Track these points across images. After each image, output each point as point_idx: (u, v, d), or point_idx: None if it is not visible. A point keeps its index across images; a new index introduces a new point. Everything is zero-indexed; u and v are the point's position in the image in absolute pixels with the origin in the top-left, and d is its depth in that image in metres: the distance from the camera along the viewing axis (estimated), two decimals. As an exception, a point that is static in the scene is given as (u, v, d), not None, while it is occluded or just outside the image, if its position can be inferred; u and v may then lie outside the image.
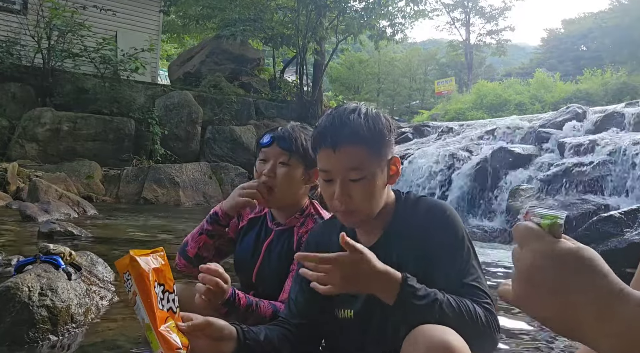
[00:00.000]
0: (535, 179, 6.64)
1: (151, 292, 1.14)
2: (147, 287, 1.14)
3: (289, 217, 1.72)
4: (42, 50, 10.13)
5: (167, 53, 22.89)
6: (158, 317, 1.13)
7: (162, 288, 1.18)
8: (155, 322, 1.12)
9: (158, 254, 1.23)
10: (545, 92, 16.48)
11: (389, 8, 14.34)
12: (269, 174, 1.64)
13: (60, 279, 2.07)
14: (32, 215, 5.46)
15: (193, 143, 11.03)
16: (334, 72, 25.06)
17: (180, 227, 5.80)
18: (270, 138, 1.67)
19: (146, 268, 1.15)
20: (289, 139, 1.64)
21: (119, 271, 1.18)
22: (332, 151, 1.24)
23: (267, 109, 13.13)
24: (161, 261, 1.21)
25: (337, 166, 1.24)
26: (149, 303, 1.13)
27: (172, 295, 1.20)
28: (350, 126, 1.23)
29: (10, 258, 2.72)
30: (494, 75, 29.11)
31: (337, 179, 1.25)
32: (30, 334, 1.87)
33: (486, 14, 28.72)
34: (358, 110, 1.28)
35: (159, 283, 1.17)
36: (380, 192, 1.28)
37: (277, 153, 1.65)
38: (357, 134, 1.23)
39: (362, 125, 1.23)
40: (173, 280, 1.23)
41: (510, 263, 3.14)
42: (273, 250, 1.70)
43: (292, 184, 1.67)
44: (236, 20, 13.14)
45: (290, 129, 1.69)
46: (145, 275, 1.14)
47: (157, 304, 1.14)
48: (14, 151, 9.13)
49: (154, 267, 1.18)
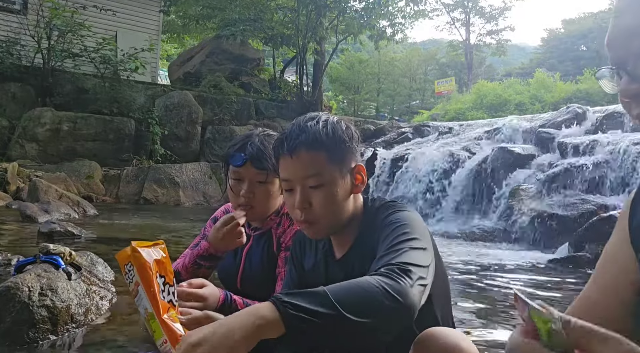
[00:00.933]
0: (535, 179, 6.64)
1: (154, 282, 1.15)
2: (149, 277, 1.15)
3: (265, 220, 1.72)
4: (42, 50, 10.13)
5: (167, 53, 22.89)
6: (162, 305, 1.13)
7: (163, 280, 1.19)
8: (159, 310, 1.13)
9: (159, 247, 1.24)
10: (545, 92, 16.47)
11: (389, 8, 14.34)
12: (248, 195, 1.63)
13: (60, 279, 2.07)
14: (32, 215, 5.46)
15: (193, 143, 11.03)
16: (334, 72, 25.04)
17: (180, 227, 5.80)
18: (242, 159, 1.64)
19: (148, 259, 1.16)
20: (263, 158, 1.62)
21: (120, 263, 1.19)
22: (289, 158, 1.23)
23: (267, 109, 13.13)
24: (162, 253, 1.22)
25: (296, 173, 1.23)
26: (152, 292, 1.14)
27: (172, 288, 1.21)
28: (307, 132, 1.22)
29: (10, 258, 2.72)
30: (494, 75, 29.10)
31: (297, 187, 1.23)
32: (30, 334, 1.87)
33: (486, 14, 28.70)
34: (317, 118, 1.27)
35: (160, 274, 1.18)
36: (343, 200, 1.25)
37: (252, 173, 1.63)
38: (315, 139, 1.21)
39: (320, 131, 1.22)
40: (173, 273, 1.24)
41: (510, 263, 3.13)
42: (254, 255, 1.71)
43: (272, 199, 1.67)
44: (236, 20, 13.14)
45: (259, 143, 1.64)
46: (147, 265, 1.15)
47: (159, 295, 1.15)
48: (14, 151, 9.13)
49: (156, 259, 1.19)
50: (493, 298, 3.17)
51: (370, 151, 9.49)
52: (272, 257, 1.66)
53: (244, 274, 1.71)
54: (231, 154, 1.67)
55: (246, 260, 1.72)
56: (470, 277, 3.89)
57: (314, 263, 1.39)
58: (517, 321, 2.63)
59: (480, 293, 3.32)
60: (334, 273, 1.31)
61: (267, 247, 1.69)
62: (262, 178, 1.63)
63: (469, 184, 7.51)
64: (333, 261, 1.34)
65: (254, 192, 1.64)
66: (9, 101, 9.88)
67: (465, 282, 3.69)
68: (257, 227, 1.74)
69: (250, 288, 1.67)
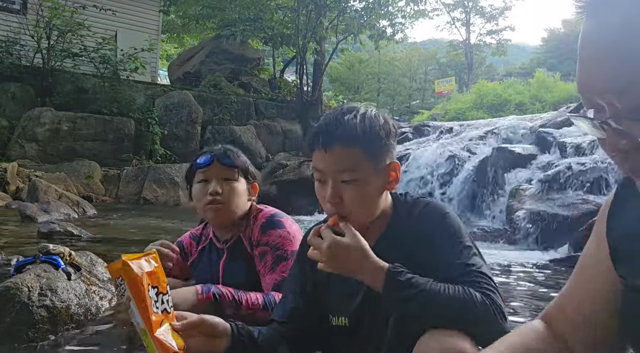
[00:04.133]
0: (535, 179, 6.63)
1: (145, 297, 1.13)
2: (141, 292, 1.13)
3: (232, 231, 1.72)
4: (42, 50, 10.13)
5: (167, 53, 22.89)
6: (153, 321, 1.12)
7: (155, 291, 1.17)
8: (151, 327, 1.11)
9: (151, 257, 1.22)
10: (546, 92, 16.47)
11: (389, 8, 14.35)
12: (214, 193, 1.63)
13: (60, 279, 2.07)
14: (31, 215, 5.46)
15: (193, 143, 11.03)
16: (334, 72, 25.05)
17: (181, 227, 5.80)
18: (210, 157, 1.65)
19: (139, 273, 1.14)
20: (231, 156, 1.64)
21: (112, 276, 1.18)
22: (324, 151, 1.21)
23: (267, 109, 13.14)
24: (154, 264, 1.20)
25: (329, 166, 1.21)
26: (144, 308, 1.12)
27: (165, 296, 1.20)
28: (343, 127, 1.20)
29: (10, 258, 2.72)
30: (494, 75, 29.10)
31: (329, 180, 1.22)
32: (30, 334, 1.87)
33: (486, 13, 28.70)
34: (355, 111, 1.24)
35: (153, 286, 1.17)
36: (376, 197, 1.24)
37: (219, 171, 1.65)
38: (350, 134, 1.19)
39: (356, 126, 1.20)
40: (166, 281, 1.23)
41: (510, 263, 3.13)
42: (233, 265, 1.72)
43: (240, 199, 1.67)
44: (236, 20, 13.15)
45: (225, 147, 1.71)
46: (138, 280, 1.13)
47: (152, 308, 1.13)
48: (14, 151, 9.13)
49: (147, 271, 1.17)
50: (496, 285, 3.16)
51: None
52: (249, 258, 1.68)
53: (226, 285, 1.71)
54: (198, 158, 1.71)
55: (226, 271, 1.73)
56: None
57: None
58: (514, 322, 2.63)
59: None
60: None
61: (241, 252, 1.70)
62: (229, 174, 1.65)
63: (469, 184, 7.51)
64: None
65: (222, 189, 1.64)
66: (8, 101, 9.87)
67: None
68: (227, 238, 1.74)
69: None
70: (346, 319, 1.30)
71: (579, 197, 5.93)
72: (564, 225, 5.60)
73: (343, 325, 1.31)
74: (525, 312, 2.86)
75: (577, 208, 5.71)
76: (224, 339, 1.22)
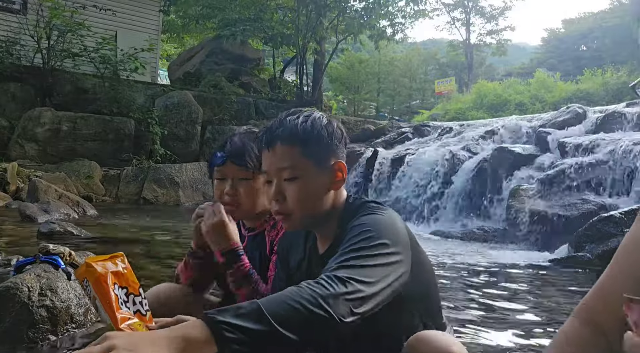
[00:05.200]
0: (536, 179, 6.63)
1: (109, 293, 1.13)
2: (104, 290, 1.13)
3: (259, 221, 1.71)
4: (42, 50, 10.13)
5: (167, 53, 22.88)
6: (120, 318, 1.12)
7: (125, 291, 1.17)
8: (116, 321, 1.11)
9: (118, 259, 1.21)
10: (546, 92, 16.47)
11: (389, 8, 14.34)
12: (231, 193, 1.63)
13: (60, 279, 2.07)
14: (31, 215, 5.46)
15: (193, 143, 11.03)
16: (334, 72, 25.01)
17: (180, 227, 5.80)
18: (223, 158, 1.64)
19: (103, 272, 1.14)
20: (243, 154, 1.62)
21: (79, 280, 1.17)
22: (267, 150, 1.26)
23: (267, 109, 13.13)
24: (122, 265, 1.20)
25: (271, 165, 1.26)
26: (108, 303, 1.12)
27: (138, 298, 1.19)
28: (284, 126, 1.25)
29: (10, 258, 2.71)
30: (494, 75, 29.08)
31: (274, 179, 1.26)
32: (30, 334, 1.87)
33: (486, 13, 28.70)
34: (298, 113, 1.29)
35: (120, 286, 1.16)
36: (319, 196, 1.26)
37: (234, 170, 1.63)
38: (290, 133, 1.24)
39: (297, 126, 1.24)
40: (138, 283, 1.21)
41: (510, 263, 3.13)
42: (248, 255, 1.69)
43: (255, 196, 1.65)
44: (236, 20, 13.14)
45: (239, 141, 1.65)
46: (102, 278, 1.13)
47: (118, 305, 1.13)
48: (14, 151, 9.13)
49: (113, 271, 1.17)
50: (492, 299, 3.17)
51: (370, 151, 9.49)
52: (265, 259, 1.66)
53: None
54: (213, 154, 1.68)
55: None
56: (470, 278, 3.89)
57: (299, 260, 1.41)
58: (515, 322, 2.63)
59: (480, 293, 3.32)
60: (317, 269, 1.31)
61: (259, 248, 1.69)
62: (243, 174, 1.63)
63: (469, 184, 7.51)
64: (316, 256, 1.36)
65: (237, 189, 1.63)
66: (8, 101, 9.87)
67: (465, 283, 3.69)
68: (252, 227, 1.73)
69: None
70: None
71: (578, 197, 5.93)
72: (564, 225, 5.60)
73: None
74: (525, 312, 2.86)
75: (577, 208, 5.72)
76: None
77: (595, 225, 4.65)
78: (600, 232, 4.53)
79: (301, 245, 1.42)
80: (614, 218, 4.56)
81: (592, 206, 5.63)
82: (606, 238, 4.43)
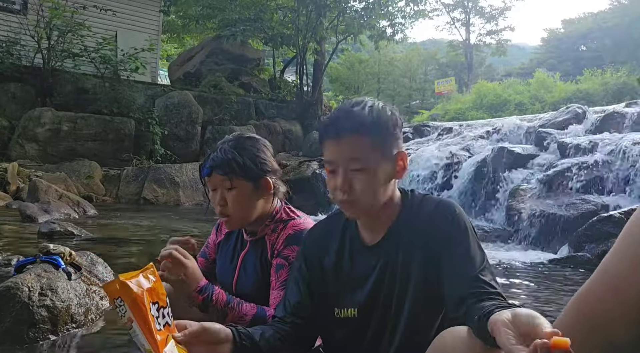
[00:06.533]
0: (535, 179, 6.63)
1: (148, 317, 1.09)
2: (143, 312, 1.09)
3: (260, 226, 1.71)
4: (42, 50, 10.13)
5: (167, 53, 22.88)
6: (159, 341, 1.09)
7: (156, 306, 1.14)
8: (157, 348, 1.08)
9: (148, 272, 1.18)
10: (545, 92, 16.48)
11: (389, 8, 14.34)
12: (221, 203, 1.63)
13: (60, 279, 2.07)
14: (32, 215, 5.46)
15: (193, 143, 11.03)
16: (334, 72, 25.02)
17: (181, 228, 5.80)
18: (208, 169, 1.64)
19: (139, 292, 1.10)
20: (223, 164, 1.62)
21: (109, 296, 1.12)
22: (335, 141, 1.26)
23: (267, 109, 13.14)
24: (152, 278, 1.17)
25: (340, 156, 1.26)
26: (148, 328, 1.08)
27: (166, 310, 1.18)
28: (353, 117, 1.26)
29: (10, 258, 2.71)
30: (494, 75, 29.09)
31: (340, 169, 1.26)
32: (30, 334, 1.87)
33: (486, 14, 28.71)
34: (363, 103, 1.30)
35: (153, 302, 1.13)
36: (384, 185, 1.29)
37: (219, 181, 1.63)
38: (360, 124, 1.24)
39: (366, 116, 1.25)
40: (165, 293, 1.20)
41: (510, 263, 3.14)
42: (249, 261, 1.71)
43: (245, 204, 1.64)
44: (236, 20, 13.14)
45: (221, 152, 1.64)
46: (139, 299, 1.09)
47: (155, 326, 1.10)
48: (14, 151, 9.13)
49: (147, 288, 1.13)
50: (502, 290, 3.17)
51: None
52: (266, 263, 1.66)
53: (239, 279, 1.72)
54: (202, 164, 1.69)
55: (241, 266, 1.72)
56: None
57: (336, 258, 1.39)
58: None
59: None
60: (363, 260, 1.34)
61: (261, 253, 1.68)
62: (227, 184, 1.62)
63: (469, 184, 7.51)
64: (363, 248, 1.36)
65: (225, 199, 1.63)
66: (9, 101, 9.87)
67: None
68: (253, 232, 1.73)
69: (243, 293, 1.67)
70: (355, 310, 1.33)
71: (578, 197, 5.93)
72: (563, 225, 5.60)
73: (352, 317, 1.33)
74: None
75: (577, 208, 5.72)
76: (226, 345, 1.22)
77: (594, 225, 4.65)
78: (600, 231, 4.53)
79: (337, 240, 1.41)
80: (614, 218, 4.56)
81: (592, 206, 5.63)
82: (606, 238, 4.43)
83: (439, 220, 1.28)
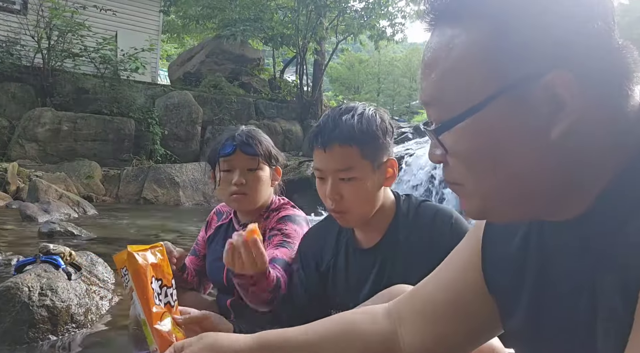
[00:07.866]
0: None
1: (148, 289, 1.13)
2: (143, 284, 1.13)
3: (255, 216, 1.72)
4: (42, 50, 10.13)
5: (167, 53, 22.89)
6: (154, 313, 1.13)
7: (159, 283, 1.17)
8: (151, 319, 1.12)
9: (157, 249, 1.22)
10: (546, 92, 16.48)
11: (389, 8, 14.34)
12: (240, 182, 1.63)
13: (60, 279, 2.07)
14: (32, 215, 5.46)
15: (193, 143, 11.03)
16: (334, 72, 25.05)
17: (181, 227, 5.80)
18: (233, 146, 1.64)
19: (143, 264, 1.14)
20: (254, 144, 1.63)
21: (117, 266, 1.18)
22: (323, 151, 1.24)
23: (267, 109, 13.13)
24: (160, 256, 1.21)
25: (328, 165, 1.25)
26: (145, 299, 1.13)
27: (170, 290, 1.20)
28: (341, 127, 1.23)
29: (10, 258, 2.72)
30: (494, 75, 29.05)
31: (329, 178, 1.25)
32: (30, 334, 1.87)
33: (486, 14, 28.70)
34: (353, 110, 1.27)
35: (157, 278, 1.17)
36: (373, 193, 1.28)
37: (243, 160, 1.64)
38: (348, 134, 1.22)
39: (354, 126, 1.23)
40: (172, 274, 1.23)
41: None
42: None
43: (264, 186, 1.67)
44: (236, 20, 13.14)
45: (247, 132, 1.66)
46: (142, 271, 1.13)
47: (154, 300, 1.14)
48: (14, 151, 9.13)
49: (152, 262, 1.17)
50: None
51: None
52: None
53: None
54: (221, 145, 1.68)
55: None
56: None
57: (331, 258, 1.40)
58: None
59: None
60: (359, 263, 1.34)
61: None
62: (252, 164, 1.63)
63: (469, 184, 7.50)
64: (358, 252, 1.36)
65: (246, 179, 1.63)
66: (9, 101, 9.87)
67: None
68: (246, 223, 1.73)
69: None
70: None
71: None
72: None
73: None
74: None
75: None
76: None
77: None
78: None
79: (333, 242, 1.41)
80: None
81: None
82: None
83: (439, 226, 1.27)
